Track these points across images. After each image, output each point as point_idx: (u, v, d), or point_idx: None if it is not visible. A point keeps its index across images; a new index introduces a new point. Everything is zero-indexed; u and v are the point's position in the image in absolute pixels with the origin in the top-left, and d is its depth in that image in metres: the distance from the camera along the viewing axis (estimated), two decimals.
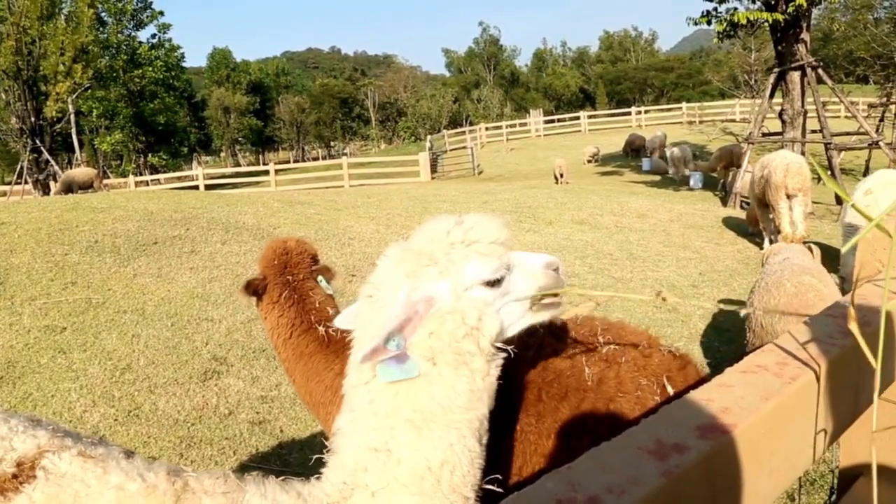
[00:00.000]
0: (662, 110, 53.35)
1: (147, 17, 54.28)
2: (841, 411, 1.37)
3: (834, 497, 1.83)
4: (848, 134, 18.83)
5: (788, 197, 10.41)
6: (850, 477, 1.91)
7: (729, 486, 1.01)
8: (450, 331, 1.59)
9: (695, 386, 1.17)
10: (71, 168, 35.43)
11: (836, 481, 1.98)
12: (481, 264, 1.66)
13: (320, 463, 1.69)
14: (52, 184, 28.78)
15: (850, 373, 1.38)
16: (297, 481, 1.64)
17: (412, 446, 1.57)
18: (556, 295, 1.80)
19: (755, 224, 11.95)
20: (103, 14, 49.79)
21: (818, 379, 1.23)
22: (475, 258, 1.66)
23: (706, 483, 0.97)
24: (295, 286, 3.12)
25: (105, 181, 30.92)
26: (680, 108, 50.63)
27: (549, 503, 0.84)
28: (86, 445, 1.65)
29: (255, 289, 3.12)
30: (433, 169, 31.49)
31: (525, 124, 52.51)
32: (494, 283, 1.66)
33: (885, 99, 24.61)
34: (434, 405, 1.57)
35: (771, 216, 10.79)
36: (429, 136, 46.03)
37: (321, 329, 2.99)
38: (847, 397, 1.40)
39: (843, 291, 5.59)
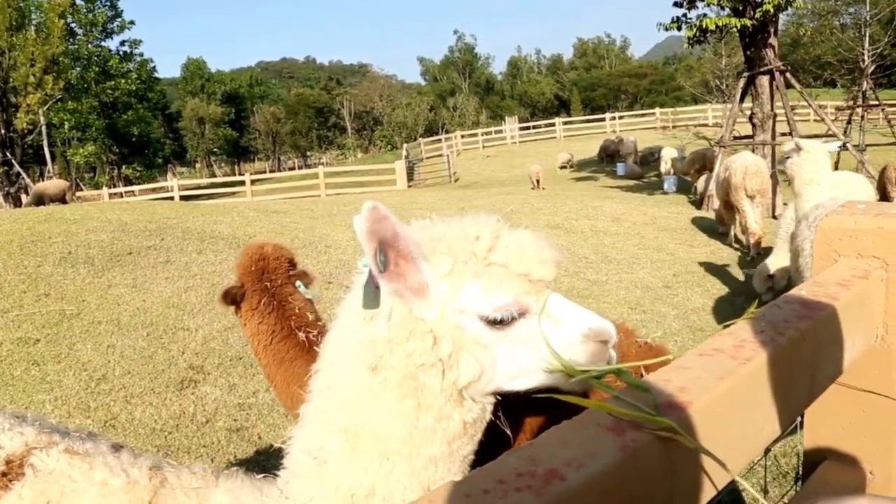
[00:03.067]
0: (636, 116, 53.89)
1: (117, 26, 53.78)
2: (796, 392, 1.42)
3: (799, 482, 1.89)
4: (817, 136, 19.11)
5: (750, 197, 10.80)
6: (814, 462, 1.96)
7: (687, 461, 1.05)
8: (410, 351, 1.32)
9: None
10: (42, 181, 34.98)
11: (801, 467, 2.04)
12: (483, 293, 1.32)
13: None
14: (23, 197, 28.42)
15: (805, 355, 1.43)
16: (271, 480, 1.66)
17: (341, 462, 1.36)
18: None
19: (723, 223, 12.28)
20: (73, 25, 49.29)
21: (773, 360, 1.28)
22: (482, 283, 1.33)
23: (664, 458, 1.01)
24: (273, 292, 3.10)
25: (78, 193, 30.58)
26: (654, 113, 51.16)
27: (510, 476, 0.87)
28: (74, 441, 1.67)
29: (233, 297, 3.10)
30: (409, 177, 31.52)
31: (501, 132, 52.75)
32: (495, 323, 1.32)
33: (851, 102, 25.06)
34: (368, 426, 1.35)
35: (736, 216, 11.22)
36: (405, 145, 46.16)
37: (301, 334, 2.98)
38: (802, 379, 1.45)
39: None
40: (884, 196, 11.27)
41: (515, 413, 2.12)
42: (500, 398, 1.48)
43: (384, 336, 1.34)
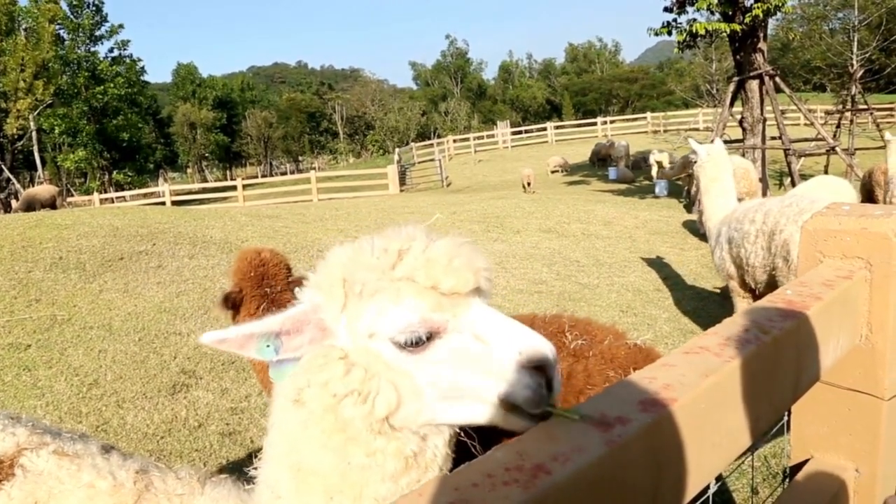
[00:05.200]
0: (628, 120, 54.07)
1: (106, 31, 53.41)
2: (781, 390, 1.45)
3: (787, 480, 1.91)
4: (806, 140, 19.27)
5: (738, 200, 10.90)
6: (801, 460, 1.99)
7: (672, 456, 1.07)
8: (324, 381, 1.24)
9: None
10: (33, 186, 34.81)
11: (788, 466, 2.06)
12: (381, 313, 1.20)
13: None
14: (13, 202, 28.27)
15: (789, 354, 1.46)
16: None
17: (291, 498, 1.33)
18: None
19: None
20: (61, 31, 49.01)
21: (757, 359, 1.30)
22: (379, 302, 1.21)
23: (649, 453, 1.03)
24: (273, 298, 3.08)
25: (69, 199, 30.45)
26: (645, 117, 51.40)
27: (498, 470, 0.89)
28: (64, 442, 1.68)
29: (233, 302, 3.09)
30: (402, 181, 31.56)
31: (492, 136, 52.85)
32: (407, 346, 1.19)
33: (840, 106, 25.22)
34: (306, 463, 1.29)
35: None
36: (397, 149, 46.20)
37: None
38: (787, 377, 1.47)
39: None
40: (869, 199, 11.34)
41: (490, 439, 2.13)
42: (458, 430, 1.40)
43: (303, 366, 1.27)
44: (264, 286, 3.10)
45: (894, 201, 9.83)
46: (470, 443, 1.47)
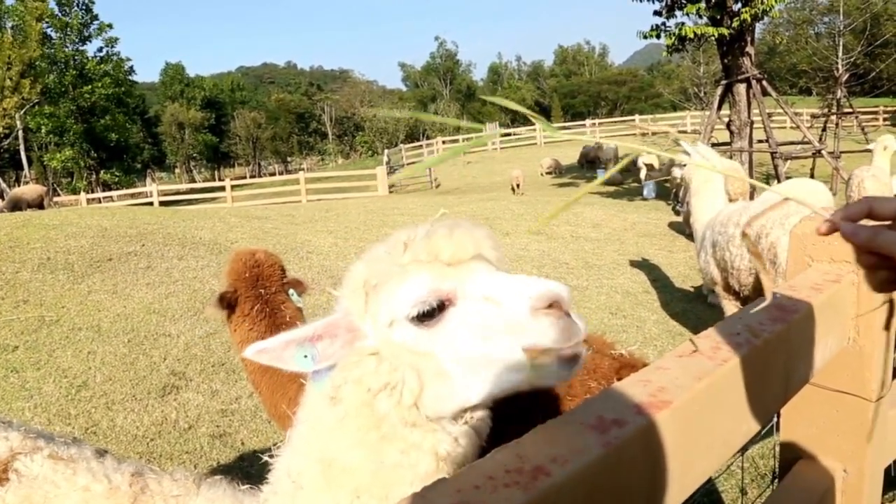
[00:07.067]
0: (616, 122, 54.27)
1: (95, 30, 53.05)
2: (772, 392, 1.47)
3: (776, 481, 1.94)
4: (793, 143, 19.39)
5: (732, 202, 10.96)
6: (790, 461, 2.02)
7: (667, 458, 1.09)
8: (357, 377, 1.28)
9: None
10: (19, 186, 34.52)
11: (777, 467, 2.09)
12: (393, 293, 1.24)
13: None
14: None
15: (779, 357, 1.48)
16: (254, 492, 1.67)
17: (316, 490, 1.33)
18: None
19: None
20: (49, 29, 48.64)
21: (748, 361, 1.33)
22: (390, 283, 1.25)
23: (645, 455, 1.05)
24: (267, 299, 3.08)
25: (55, 199, 30.22)
26: (633, 120, 51.60)
27: (499, 472, 0.90)
28: (58, 446, 1.68)
29: (228, 302, 3.10)
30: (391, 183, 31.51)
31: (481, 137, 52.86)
32: (422, 321, 1.22)
33: (826, 110, 25.44)
34: (339, 460, 1.31)
35: None
36: (386, 151, 46.17)
37: None
38: (777, 379, 1.50)
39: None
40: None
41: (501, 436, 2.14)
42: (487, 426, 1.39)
43: (339, 366, 1.32)
44: (258, 287, 3.10)
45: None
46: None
